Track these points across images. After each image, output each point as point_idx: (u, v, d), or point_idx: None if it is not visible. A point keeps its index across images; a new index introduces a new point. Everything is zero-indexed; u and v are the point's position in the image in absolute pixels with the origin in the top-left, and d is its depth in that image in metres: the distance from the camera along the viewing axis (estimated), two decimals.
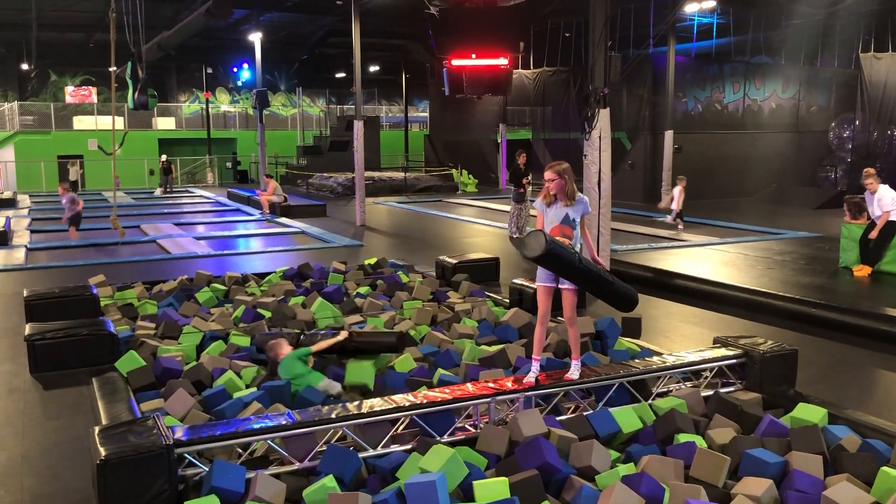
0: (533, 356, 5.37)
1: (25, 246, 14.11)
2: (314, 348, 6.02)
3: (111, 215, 14.17)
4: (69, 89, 35.70)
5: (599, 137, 9.59)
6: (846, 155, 22.63)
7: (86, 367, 6.41)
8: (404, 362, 6.20)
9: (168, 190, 28.05)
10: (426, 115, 38.37)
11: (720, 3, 20.75)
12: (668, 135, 20.13)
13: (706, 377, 5.84)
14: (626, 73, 10.09)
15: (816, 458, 4.33)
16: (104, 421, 5.04)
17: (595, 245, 9.80)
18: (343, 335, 6.16)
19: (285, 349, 5.97)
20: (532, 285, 8.40)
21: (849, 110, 23.43)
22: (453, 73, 19.08)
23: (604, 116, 9.60)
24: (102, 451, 3.99)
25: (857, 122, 22.05)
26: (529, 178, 14.40)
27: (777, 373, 5.77)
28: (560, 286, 5.34)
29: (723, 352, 5.92)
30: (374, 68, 38.19)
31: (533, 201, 12.20)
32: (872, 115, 21.32)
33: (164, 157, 29.15)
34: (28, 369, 6.57)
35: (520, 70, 26.53)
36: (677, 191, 15.41)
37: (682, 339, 7.63)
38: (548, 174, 5.35)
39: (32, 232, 16.44)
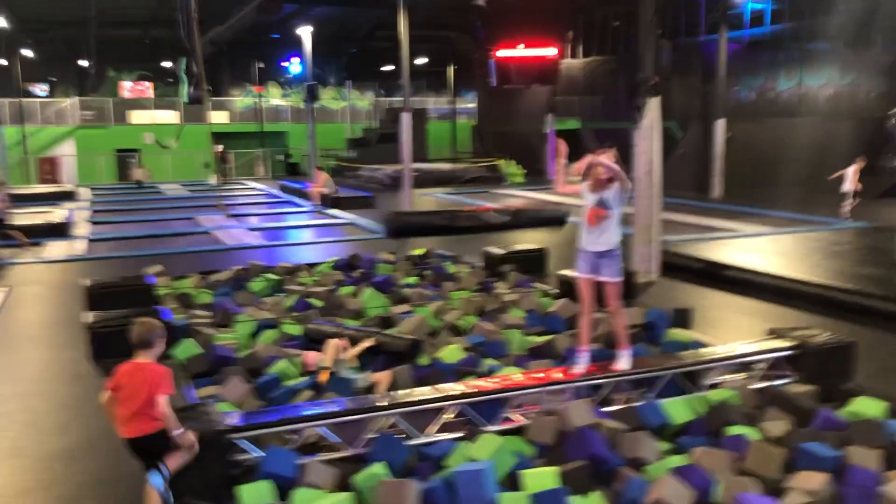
0: (580, 348, 5.35)
1: (87, 237, 14.54)
2: (329, 354, 5.85)
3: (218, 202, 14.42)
4: (126, 85, 36.58)
5: (651, 126, 9.48)
6: None
7: None
8: (453, 353, 6.23)
9: (224, 180, 28.36)
10: (474, 106, 38.30)
11: None
12: (720, 123, 19.76)
13: (760, 369, 5.74)
14: (676, 62, 9.92)
15: (874, 453, 4.23)
16: None
17: (646, 235, 9.70)
18: (368, 342, 6.18)
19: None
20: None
21: None
22: (501, 64, 19.02)
23: (654, 106, 9.48)
24: None
25: None
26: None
27: (833, 365, 5.64)
28: (600, 278, 5.30)
29: (777, 343, 5.81)
30: (421, 60, 38.23)
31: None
32: None
33: (220, 147, 29.56)
34: (89, 356, 6.79)
35: (568, 60, 26.30)
36: (852, 170, 15.01)
37: (733, 330, 7.50)
38: (597, 159, 5.21)
39: (93, 223, 16.93)
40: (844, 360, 5.71)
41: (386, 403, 4.68)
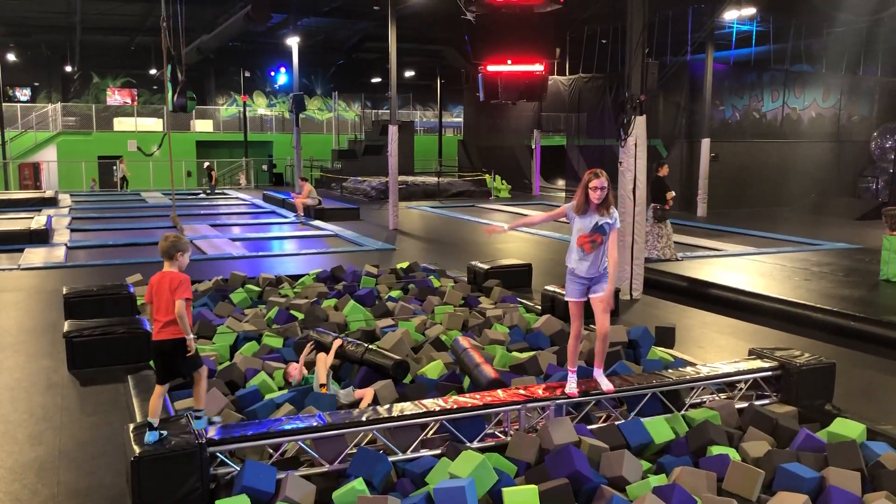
0: (569, 367, 5.31)
1: (66, 244, 14.39)
2: (320, 369, 5.83)
3: (172, 213, 14.50)
4: (111, 91, 36.41)
5: (635, 145, 9.53)
6: (888, 165, 22.19)
7: (122, 365, 6.52)
8: (435, 368, 6.20)
9: (210, 192, 28.28)
10: (460, 120, 38.44)
11: (760, 11, 20.50)
12: (705, 143, 19.93)
13: (741, 389, 5.76)
14: (663, 81, 10.00)
15: (854, 475, 4.24)
16: (139, 418, 5.12)
17: (629, 253, 9.72)
18: (337, 343, 6.25)
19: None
20: (564, 292, 8.36)
21: (892, 119, 22.97)
22: (488, 79, 19.08)
23: (640, 123, 9.54)
24: (136, 449, 4.06)
25: None
26: (673, 193, 12.39)
27: (814, 386, 5.66)
28: (591, 295, 5.22)
29: (758, 363, 5.83)
30: (409, 73, 38.37)
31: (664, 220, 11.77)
32: None
33: (206, 164, 29.65)
34: (66, 365, 6.70)
35: (555, 76, 26.45)
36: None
37: (716, 349, 7.53)
38: (597, 182, 5.07)
39: (73, 231, 16.76)
40: (824, 381, 5.73)
41: (366, 419, 4.64)
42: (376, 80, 39.39)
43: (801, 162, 22.17)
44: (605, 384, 5.24)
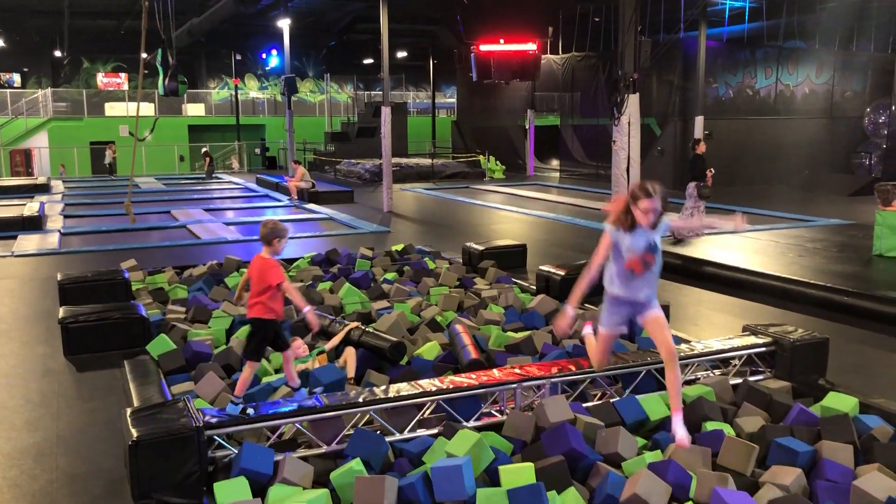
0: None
1: (59, 231, 14.35)
2: (328, 346, 6.14)
3: (125, 201, 14.10)
4: (101, 76, 36.13)
5: (629, 123, 9.52)
6: (881, 141, 22.18)
7: (118, 350, 6.52)
8: (431, 349, 6.22)
9: (208, 177, 27.98)
10: (454, 101, 38.28)
11: None
12: (699, 121, 19.90)
13: (735, 365, 5.79)
14: (656, 59, 9.96)
15: (847, 448, 4.28)
16: (136, 403, 5.13)
17: None
18: (352, 325, 6.31)
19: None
20: (558, 272, 8.38)
21: (885, 95, 22.94)
22: (481, 59, 18.98)
23: (633, 102, 9.53)
24: (134, 433, 4.07)
25: (893, 108, 21.58)
26: (713, 170, 12.24)
27: (807, 361, 5.70)
28: (643, 316, 4.55)
29: (752, 340, 5.86)
30: (401, 54, 38.16)
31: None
32: None
33: (204, 149, 29.35)
34: (62, 352, 6.70)
35: (548, 55, 26.35)
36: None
37: (710, 326, 7.56)
38: (648, 203, 4.26)
39: (66, 217, 16.70)
40: (818, 356, 5.77)
41: (362, 400, 4.66)
42: (368, 61, 39.18)
43: (795, 138, 22.17)
44: (682, 434, 4.37)
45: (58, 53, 35.66)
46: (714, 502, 3.76)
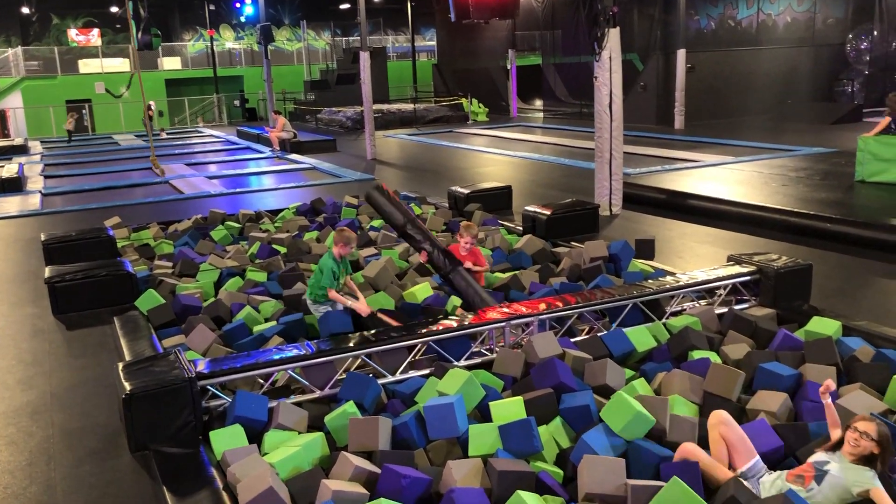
0: None
1: (40, 191, 14.19)
2: (340, 299, 5.64)
3: (151, 156, 14.11)
4: (73, 32, 35.25)
5: (610, 58, 9.41)
6: (864, 67, 22.09)
7: (107, 307, 6.52)
8: (422, 290, 6.23)
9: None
10: (434, 44, 37.65)
11: None
12: (681, 54, 19.68)
13: (720, 295, 5.86)
14: None
15: (830, 370, 4.37)
16: (128, 358, 5.16)
17: (608, 169, 9.71)
18: (366, 311, 5.67)
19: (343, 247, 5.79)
20: (544, 212, 8.40)
21: (866, 21, 22.75)
22: None
23: (613, 36, 9.39)
24: (128, 386, 4.10)
25: (876, 33, 21.44)
26: None
27: (791, 288, 5.77)
28: None
29: (736, 269, 5.92)
30: None
31: None
32: (891, 25, 20.71)
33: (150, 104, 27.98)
34: (51, 311, 6.70)
35: None
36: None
37: (696, 258, 7.62)
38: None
39: (46, 177, 16.49)
40: (801, 282, 5.85)
41: (353, 345, 4.69)
42: (345, 6, 38.36)
43: (777, 68, 22.01)
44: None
45: (25, 10, 34.68)
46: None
